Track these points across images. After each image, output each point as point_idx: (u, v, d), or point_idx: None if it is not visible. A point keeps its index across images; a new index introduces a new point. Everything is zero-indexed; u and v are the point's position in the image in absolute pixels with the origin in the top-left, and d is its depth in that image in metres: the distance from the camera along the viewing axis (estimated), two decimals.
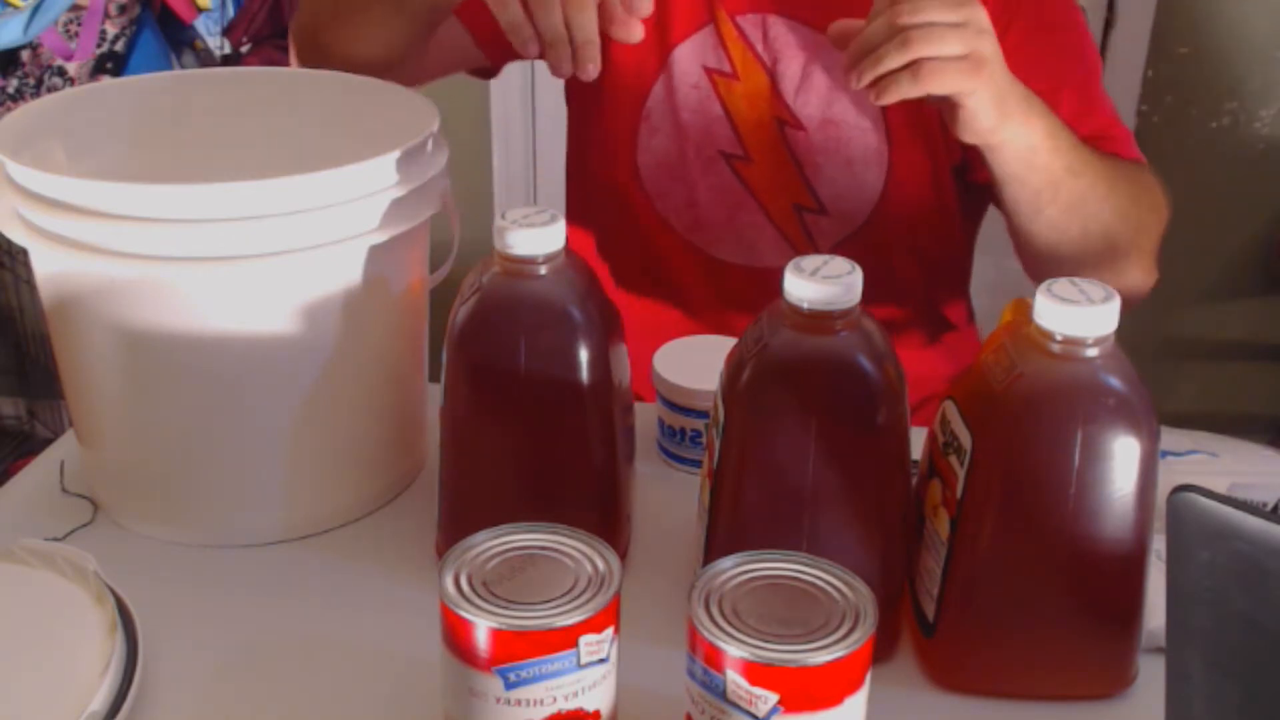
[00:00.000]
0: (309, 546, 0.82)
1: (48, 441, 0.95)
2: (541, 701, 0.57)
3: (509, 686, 0.57)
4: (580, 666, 0.57)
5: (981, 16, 0.82)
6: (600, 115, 1.13)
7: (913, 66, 0.81)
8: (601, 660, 0.58)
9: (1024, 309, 0.67)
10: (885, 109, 1.04)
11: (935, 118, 1.03)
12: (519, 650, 0.56)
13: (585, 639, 0.57)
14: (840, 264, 0.66)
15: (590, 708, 0.59)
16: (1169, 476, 0.61)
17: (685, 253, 1.13)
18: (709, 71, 1.07)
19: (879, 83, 0.82)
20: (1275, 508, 0.79)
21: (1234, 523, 0.50)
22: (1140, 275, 1.02)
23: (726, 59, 1.06)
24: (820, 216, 1.09)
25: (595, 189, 1.17)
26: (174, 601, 0.75)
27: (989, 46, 0.83)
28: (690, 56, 1.07)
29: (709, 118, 1.08)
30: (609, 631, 0.58)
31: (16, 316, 2.24)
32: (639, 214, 1.13)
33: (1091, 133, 1.03)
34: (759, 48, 1.06)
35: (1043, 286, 0.64)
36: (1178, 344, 2.14)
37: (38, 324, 2.18)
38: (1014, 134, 0.88)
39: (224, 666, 0.71)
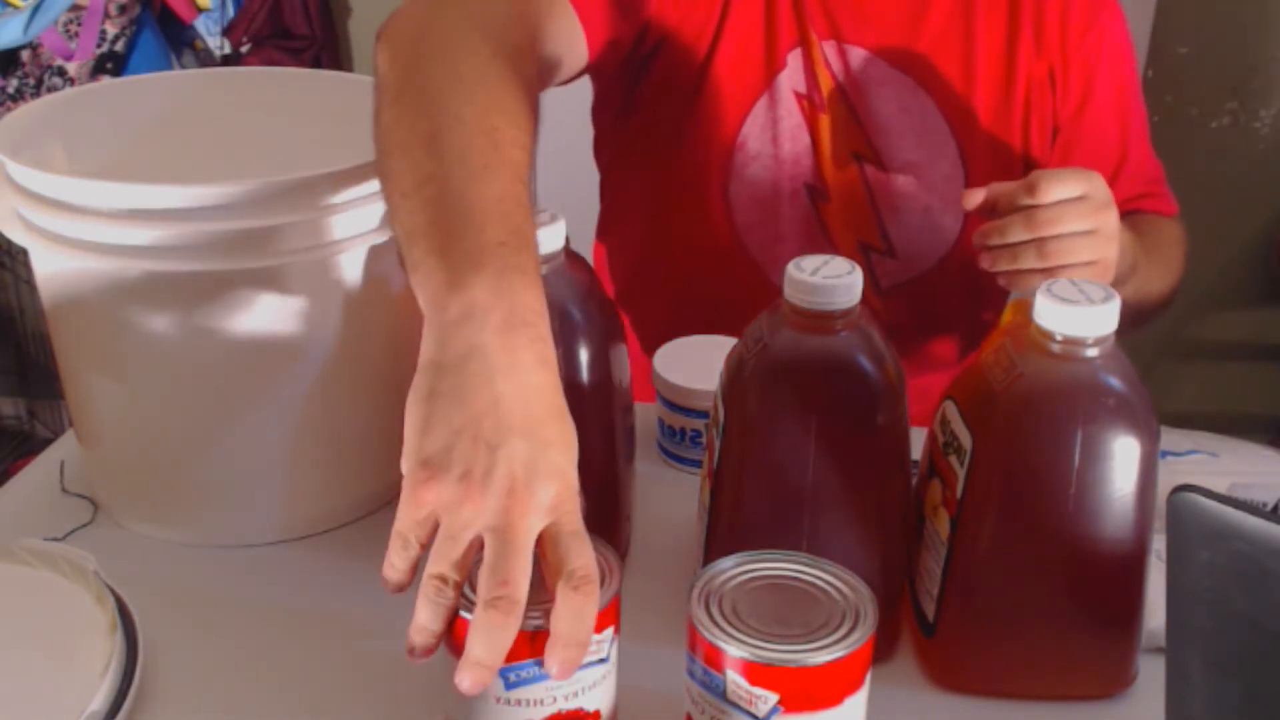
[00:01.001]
0: (309, 546, 0.82)
1: (48, 441, 0.95)
2: (541, 701, 0.57)
3: (509, 686, 0.57)
4: (580, 666, 0.57)
5: (1112, 222, 0.87)
6: (691, 136, 1.05)
7: (1046, 272, 0.85)
8: (601, 660, 0.58)
9: (1024, 309, 0.67)
10: (968, 157, 1.03)
11: (1017, 164, 1.04)
12: (519, 650, 0.56)
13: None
14: (840, 264, 0.66)
15: (590, 708, 0.59)
16: (1169, 476, 0.61)
17: (759, 287, 1.07)
18: (799, 97, 1.03)
19: (1013, 273, 0.87)
20: (1275, 508, 0.79)
21: (1234, 523, 0.50)
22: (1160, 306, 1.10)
23: (815, 86, 1.03)
24: (887, 258, 1.07)
25: (664, 211, 1.10)
26: (174, 601, 0.75)
27: (1115, 251, 0.88)
28: (786, 82, 1.03)
29: (799, 148, 1.04)
30: (609, 631, 0.58)
31: (16, 316, 2.24)
32: (720, 244, 1.07)
33: (1142, 191, 1.09)
34: (841, 78, 1.02)
35: (1043, 287, 0.64)
36: (1178, 344, 2.14)
37: (38, 324, 2.18)
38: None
39: (224, 666, 0.71)
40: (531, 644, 0.56)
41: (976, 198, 0.89)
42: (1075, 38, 1.03)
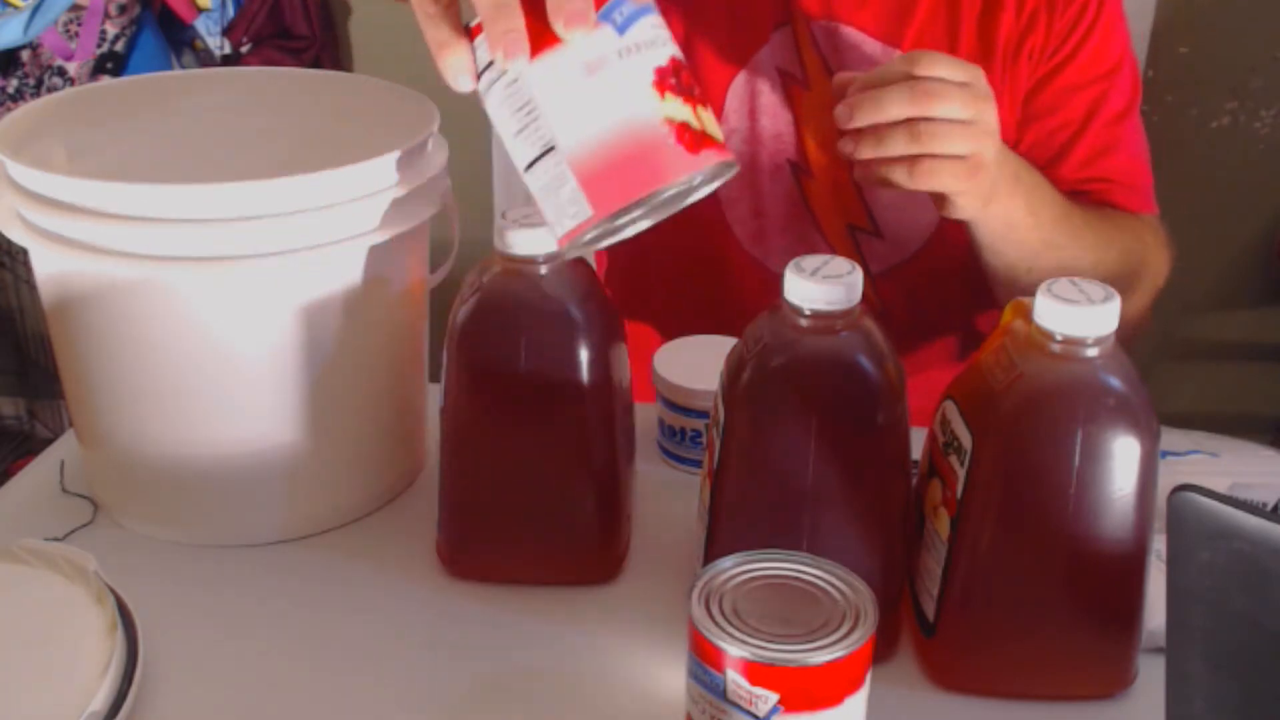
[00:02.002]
0: (309, 546, 0.82)
1: (48, 441, 0.95)
2: (654, 42, 0.54)
3: (621, 29, 0.53)
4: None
5: (991, 115, 0.81)
6: None
7: (911, 160, 0.80)
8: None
9: (1024, 309, 0.67)
10: None
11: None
12: None
13: None
14: (841, 264, 0.66)
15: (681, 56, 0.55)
16: (1169, 476, 0.61)
17: (744, 263, 1.08)
18: (782, 75, 1.03)
19: (871, 163, 0.81)
20: (1275, 508, 0.79)
21: (1234, 523, 0.50)
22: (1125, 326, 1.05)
23: (799, 64, 1.03)
24: (875, 239, 1.06)
25: None
26: (174, 601, 0.75)
27: (992, 148, 0.82)
28: (768, 58, 1.03)
29: (780, 124, 1.04)
30: None
31: (16, 316, 2.24)
32: (702, 220, 1.05)
33: (1104, 174, 1.04)
34: (829, 58, 1.02)
35: (1043, 286, 0.65)
36: (1178, 344, 2.15)
37: (38, 324, 2.18)
38: (993, 213, 0.88)
39: (224, 666, 0.71)
40: None
41: (846, 77, 0.83)
42: (1060, 7, 1.01)
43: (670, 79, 0.54)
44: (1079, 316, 0.63)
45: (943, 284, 1.09)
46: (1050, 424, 0.64)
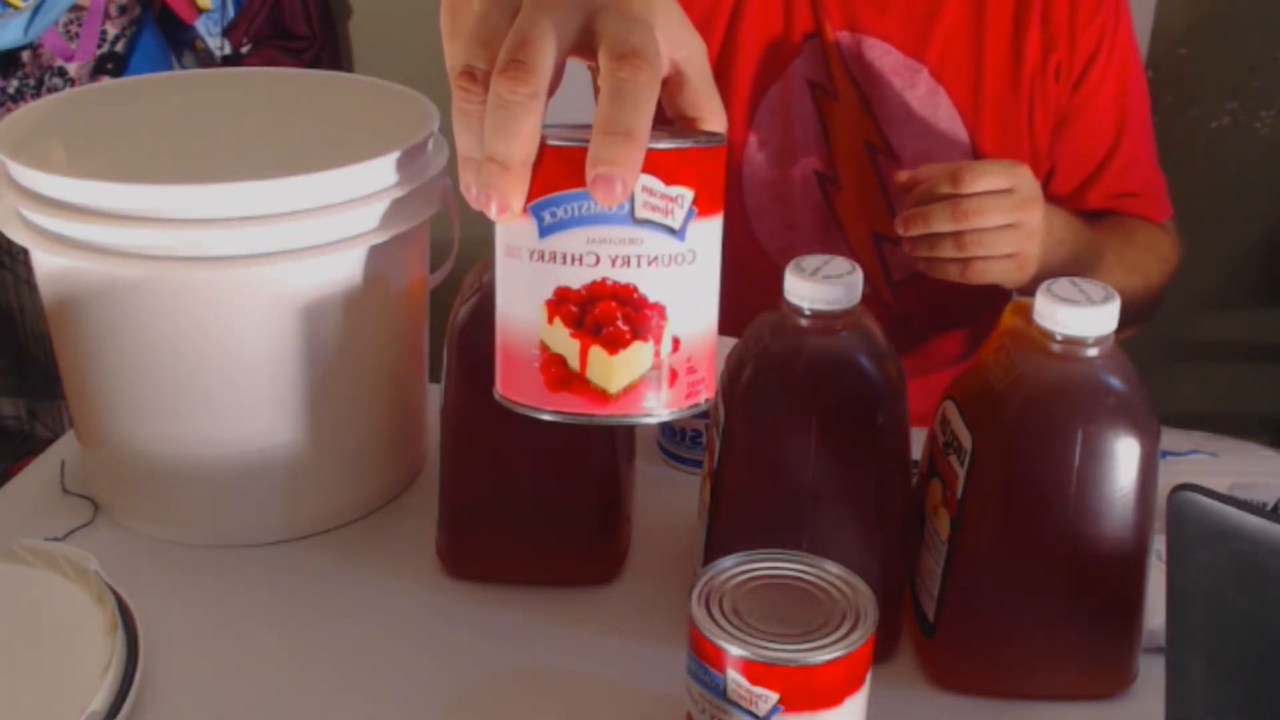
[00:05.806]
0: (309, 546, 0.82)
1: (48, 441, 0.95)
2: (579, 259, 0.46)
3: (544, 232, 0.46)
4: (634, 221, 0.45)
5: (1035, 217, 0.88)
6: None
7: (963, 262, 0.88)
8: (670, 230, 0.46)
9: (1024, 309, 0.67)
10: (978, 147, 1.04)
11: (1025, 153, 1.04)
12: (555, 174, 0.45)
13: (648, 180, 0.45)
14: (841, 264, 0.66)
15: (652, 296, 0.47)
16: (1169, 476, 0.61)
17: (768, 274, 1.08)
18: (812, 86, 1.04)
19: (930, 260, 0.90)
20: (1275, 508, 0.79)
21: (1234, 523, 0.50)
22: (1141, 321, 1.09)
23: (827, 75, 1.03)
24: (898, 248, 1.06)
25: None
26: (174, 601, 0.76)
27: (1036, 245, 0.88)
28: (800, 69, 1.04)
29: (810, 136, 1.05)
30: (685, 194, 0.45)
31: (16, 316, 2.24)
32: (728, 232, 1.07)
33: (1132, 189, 1.09)
34: (854, 68, 1.03)
35: (1043, 286, 0.65)
36: (1178, 344, 2.14)
37: (38, 324, 2.18)
38: (1037, 275, 0.92)
39: (224, 666, 0.71)
40: (571, 167, 0.45)
41: (903, 176, 0.91)
42: (1081, 24, 1.03)
43: (570, 306, 0.47)
44: (1079, 316, 0.63)
45: (961, 290, 1.10)
46: (1050, 424, 0.64)
